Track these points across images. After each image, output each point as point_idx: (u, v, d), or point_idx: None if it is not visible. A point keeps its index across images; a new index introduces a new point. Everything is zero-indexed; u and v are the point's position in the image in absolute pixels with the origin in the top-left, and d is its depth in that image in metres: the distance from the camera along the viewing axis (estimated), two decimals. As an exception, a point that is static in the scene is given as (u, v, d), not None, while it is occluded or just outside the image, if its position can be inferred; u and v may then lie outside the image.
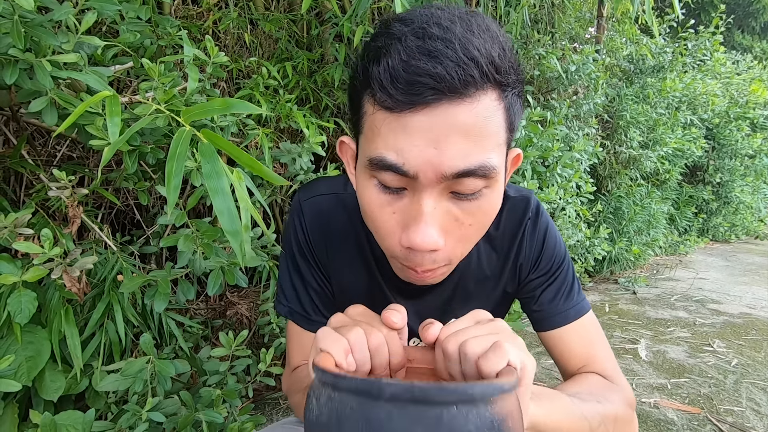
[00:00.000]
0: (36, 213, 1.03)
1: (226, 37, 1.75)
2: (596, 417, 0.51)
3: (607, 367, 0.62)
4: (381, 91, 0.40)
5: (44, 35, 0.71)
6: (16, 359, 0.90)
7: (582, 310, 0.64)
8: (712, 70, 4.56)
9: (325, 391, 0.34)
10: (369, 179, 0.45)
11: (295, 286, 0.65)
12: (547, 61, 2.50)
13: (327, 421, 0.32)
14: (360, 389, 0.31)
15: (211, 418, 0.94)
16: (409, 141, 0.40)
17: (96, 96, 0.66)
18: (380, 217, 0.46)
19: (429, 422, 0.29)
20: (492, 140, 0.42)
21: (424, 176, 0.41)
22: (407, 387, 0.30)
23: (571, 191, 2.38)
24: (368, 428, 0.30)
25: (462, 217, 0.45)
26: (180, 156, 0.57)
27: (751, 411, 1.55)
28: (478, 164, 0.41)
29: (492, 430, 0.30)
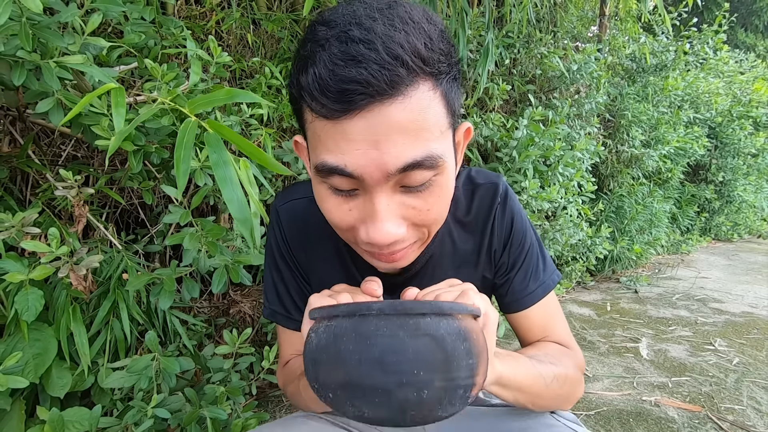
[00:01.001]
0: (42, 212, 1.04)
1: (229, 38, 1.76)
2: (550, 375, 0.57)
3: (563, 335, 0.68)
4: (313, 101, 0.41)
5: (51, 37, 0.72)
6: (24, 356, 0.92)
7: (547, 288, 0.67)
8: (714, 68, 4.54)
9: (322, 324, 0.40)
10: (321, 183, 0.46)
11: (277, 288, 0.68)
12: (549, 60, 2.50)
13: (325, 343, 0.38)
14: (351, 311, 0.38)
15: (215, 414, 0.95)
16: (350, 145, 0.41)
17: (102, 88, 0.67)
18: (338, 215, 0.47)
19: (409, 327, 0.36)
20: (433, 131, 0.43)
21: (370, 177, 0.42)
22: (390, 302, 0.37)
23: (572, 190, 2.38)
24: (359, 338, 0.36)
25: (419, 205, 0.46)
26: (187, 144, 0.59)
27: (752, 410, 1.55)
28: (423, 156, 0.42)
29: (459, 335, 0.38)
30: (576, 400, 0.64)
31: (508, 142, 2.11)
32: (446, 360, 0.36)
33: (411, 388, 0.35)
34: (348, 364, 0.36)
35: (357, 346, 0.36)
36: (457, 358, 0.37)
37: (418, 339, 0.36)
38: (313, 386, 0.40)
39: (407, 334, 0.36)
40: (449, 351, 0.36)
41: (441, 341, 0.36)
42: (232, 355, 1.14)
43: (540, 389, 0.56)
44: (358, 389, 0.36)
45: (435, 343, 0.36)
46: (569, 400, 0.63)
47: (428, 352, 0.36)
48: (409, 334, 0.36)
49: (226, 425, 1.05)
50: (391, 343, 0.36)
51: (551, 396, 0.58)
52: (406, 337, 0.36)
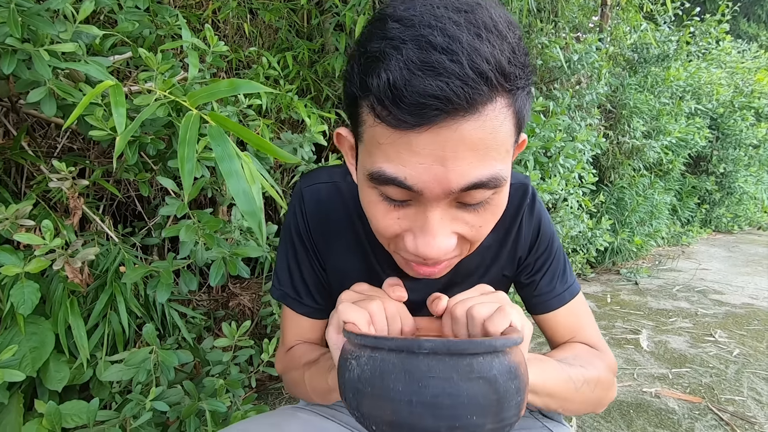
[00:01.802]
0: (37, 204, 1.03)
1: (226, 27, 1.74)
2: (580, 379, 0.55)
3: (592, 337, 0.66)
4: (381, 107, 0.38)
5: (41, 24, 0.70)
6: (20, 350, 0.91)
7: (574, 291, 0.67)
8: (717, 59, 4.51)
9: (364, 353, 0.39)
10: (371, 188, 0.44)
11: (290, 270, 0.66)
12: (550, 51, 2.48)
13: (370, 376, 0.37)
14: (401, 347, 0.37)
15: (214, 407, 0.95)
16: (414, 159, 0.38)
17: (99, 86, 0.65)
18: (385, 223, 0.45)
19: (463, 369, 0.35)
20: (500, 150, 0.40)
21: (430, 193, 0.40)
22: (444, 342, 0.36)
23: (573, 182, 2.37)
24: (409, 379, 0.35)
25: (472, 221, 0.44)
26: (191, 141, 0.57)
27: (753, 400, 1.55)
28: (487, 177, 0.40)
29: (510, 373, 0.37)
30: (608, 402, 0.62)
31: (509, 134, 2.09)
32: (498, 402, 0.36)
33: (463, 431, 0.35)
34: (397, 405, 0.35)
35: (408, 387, 0.35)
36: (509, 399, 0.36)
37: (472, 382, 0.35)
38: (353, 413, 0.39)
39: (461, 377, 0.35)
40: (502, 393, 0.36)
41: (494, 383, 0.36)
42: (232, 348, 1.13)
43: (570, 394, 0.55)
44: (407, 429, 0.35)
45: (489, 386, 0.35)
46: (601, 404, 0.61)
47: (482, 397, 0.35)
48: (463, 377, 0.35)
49: (225, 418, 1.04)
50: (444, 387, 0.35)
51: (581, 400, 0.57)
52: (460, 380, 0.35)
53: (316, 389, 0.58)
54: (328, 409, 0.68)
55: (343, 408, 0.71)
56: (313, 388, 0.58)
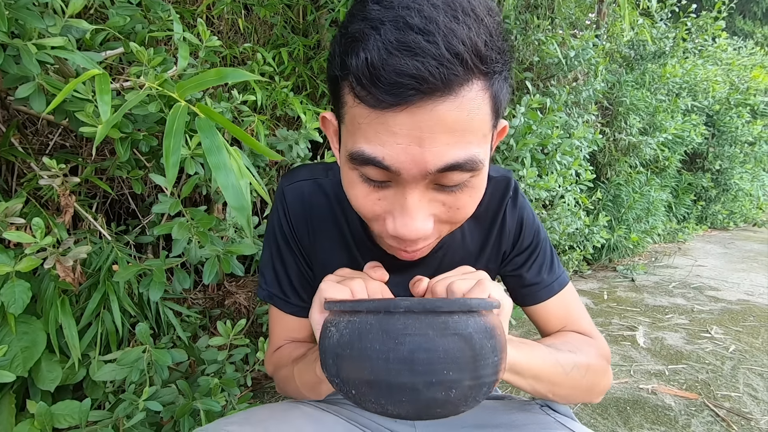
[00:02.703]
0: (28, 202, 1.01)
1: (220, 23, 1.72)
2: (569, 363, 0.56)
3: (584, 325, 0.67)
4: (360, 87, 0.39)
5: (30, 18, 0.68)
6: (11, 350, 0.90)
7: (563, 282, 0.67)
8: (713, 56, 4.51)
9: (343, 318, 0.40)
10: (352, 170, 0.44)
11: (275, 270, 0.66)
12: (547, 47, 2.47)
13: (349, 339, 0.38)
14: (378, 307, 0.38)
15: (208, 406, 0.94)
16: (391, 139, 0.39)
17: (85, 74, 0.64)
18: (366, 204, 0.46)
19: (438, 326, 0.36)
20: (477, 133, 0.41)
21: (407, 173, 0.41)
22: (419, 300, 0.37)
23: (570, 179, 2.36)
24: (386, 337, 0.36)
25: (450, 203, 0.45)
26: (177, 132, 0.56)
27: (749, 396, 1.56)
28: (464, 159, 0.40)
29: (485, 332, 0.38)
30: (603, 390, 0.62)
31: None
32: (475, 359, 0.36)
33: (440, 387, 0.35)
34: (375, 363, 0.36)
35: (385, 345, 0.36)
36: (485, 357, 0.37)
37: (448, 338, 0.36)
38: (333, 380, 0.39)
39: (436, 333, 0.36)
40: (477, 350, 0.36)
41: (469, 340, 0.36)
42: (227, 347, 1.12)
43: (559, 377, 0.55)
44: (385, 388, 0.36)
45: (464, 342, 0.36)
46: (594, 391, 0.60)
47: (458, 351, 0.36)
48: (439, 333, 0.36)
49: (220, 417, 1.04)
50: (421, 342, 0.36)
51: (572, 385, 0.57)
52: (436, 336, 0.36)
53: (305, 383, 0.57)
54: (329, 405, 0.68)
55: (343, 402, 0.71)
56: (302, 382, 0.58)
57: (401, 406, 0.36)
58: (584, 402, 0.62)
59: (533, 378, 0.52)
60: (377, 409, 0.37)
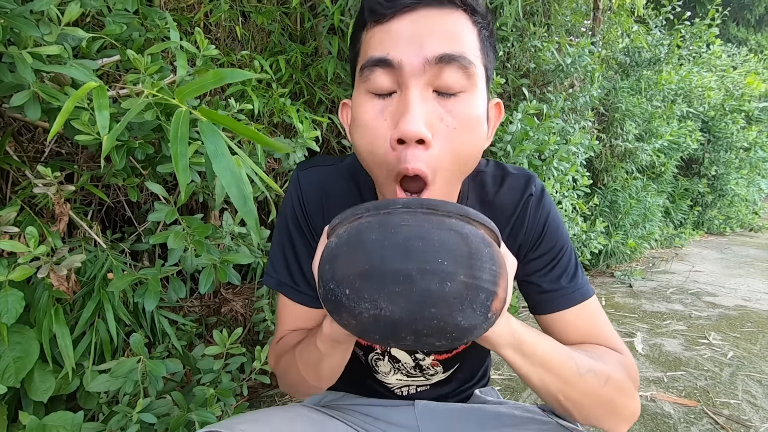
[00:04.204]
0: (22, 210, 1.00)
1: (218, 30, 1.72)
2: (585, 366, 0.51)
3: (611, 339, 0.60)
4: (370, 11, 0.48)
5: (25, 26, 0.68)
6: (3, 360, 0.88)
7: (586, 294, 0.61)
8: (707, 62, 4.55)
9: (344, 226, 0.40)
10: (363, 94, 0.50)
11: (286, 257, 0.65)
12: (543, 54, 2.48)
13: (347, 238, 0.38)
14: (376, 207, 0.38)
15: (203, 418, 0.92)
16: (394, 41, 0.47)
17: (82, 88, 0.64)
18: (373, 126, 0.49)
19: (435, 221, 0.36)
20: (468, 46, 0.48)
21: (408, 64, 0.46)
22: (417, 198, 0.38)
23: (567, 185, 2.37)
24: (383, 228, 0.36)
25: (446, 118, 0.47)
26: (182, 138, 0.56)
27: (748, 404, 1.55)
28: (458, 52, 0.46)
29: (483, 240, 0.37)
30: (629, 416, 0.54)
31: (503, 137, 2.09)
32: (470, 255, 0.35)
33: (434, 277, 0.34)
34: (370, 252, 0.35)
35: (380, 235, 0.36)
36: (481, 259, 0.36)
37: (443, 231, 0.36)
38: (328, 289, 0.38)
39: (432, 226, 0.36)
40: (473, 247, 0.36)
41: (466, 238, 0.36)
42: (223, 356, 1.11)
43: (571, 375, 0.50)
44: (378, 277, 0.35)
45: (460, 238, 0.36)
46: (617, 412, 0.53)
47: (453, 244, 0.35)
48: (435, 226, 0.36)
49: (216, 428, 1.02)
50: (416, 230, 0.35)
51: (587, 391, 0.50)
52: (432, 228, 0.36)
53: (305, 361, 0.56)
54: (334, 410, 0.67)
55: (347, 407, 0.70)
56: (303, 360, 0.56)
57: (395, 299, 0.34)
58: (603, 426, 0.53)
59: (541, 366, 0.49)
60: (371, 310, 0.36)
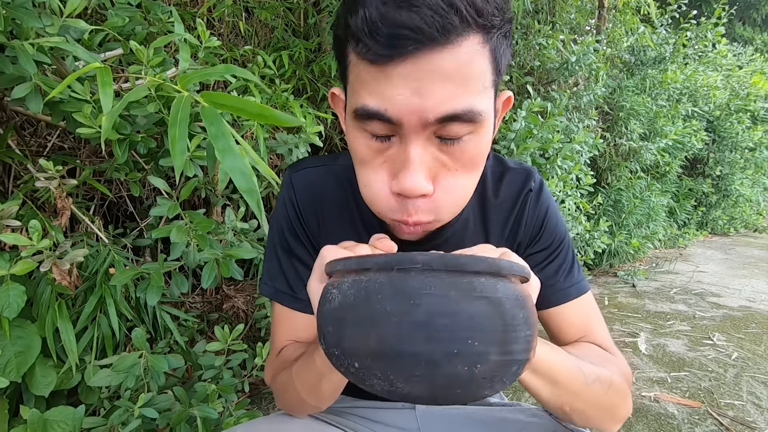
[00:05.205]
0: (24, 204, 1.00)
1: (221, 26, 1.71)
2: (591, 374, 0.51)
3: (604, 340, 0.62)
4: (361, 43, 0.40)
5: (26, 17, 0.67)
6: (5, 354, 0.88)
7: (582, 289, 0.63)
8: (713, 62, 4.52)
9: (347, 278, 0.33)
10: (358, 130, 0.45)
11: (281, 263, 0.62)
12: (548, 52, 2.47)
13: (353, 300, 0.32)
14: (390, 262, 0.31)
15: (205, 413, 0.92)
16: (392, 90, 0.40)
17: (86, 67, 0.63)
18: (370, 167, 0.46)
19: (462, 287, 0.30)
20: (477, 84, 0.42)
21: (408, 123, 0.41)
22: (438, 255, 0.31)
23: (571, 183, 2.35)
24: (399, 297, 0.30)
25: (449, 163, 0.44)
26: (182, 121, 0.55)
27: (752, 405, 1.54)
28: (463, 109, 0.41)
29: (517, 301, 0.32)
30: (623, 417, 0.55)
31: (507, 134, 2.08)
32: (505, 329, 0.30)
33: (463, 360, 0.29)
34: (384, 328, 0.30)
35: (397, 306, 0.30)
36: (516, 329, 0.31)
37: (473, 301, 0.30)
38: (332, 353, 0.33)
39: (460, 295, 0.30)
40: (508, 319, 0.30)
41: (499, 306, 0.30)
42: (224, 352, 1.11)
43: (580, 387, 0.49)
44: (395, 359, 0.29)
45: (493, 308, 0.30)
46: (614, 415, 0.54)
47: (485, 318, 0.30)
48: (463, 296, 0.30)
49: (217, 424, 1.02)
50: (441, 303, 0.29)
51: (592, 400, 0.51)
52: (460, 298, 0.30)
53: (304, 382, 0.52)
54: (332, 416, 0.65)
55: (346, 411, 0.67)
56: (301, 381, 0.52)
57: (414, 383, 0.30)
58: (599, 428, 0.55)
59: (551, 381, 0.47)
60: (384, 388, 0.31)
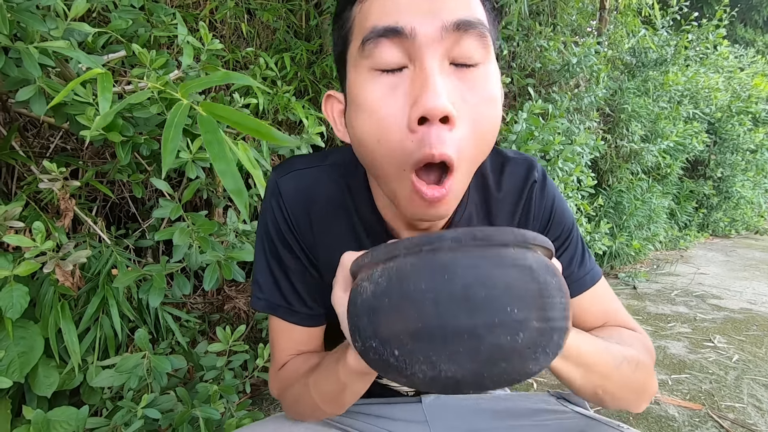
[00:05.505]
0: (27, 205, 1.01)
1: (223, 27, 1.72)
2: (619, 354, 0.49)
3: (626, 319, 0.60)
4: None
5: (31, 21, 0.68)
6: (8, 355, 0.89)
7: (596, 275, 0.61)
8: (714, 63, 4.52)
9: (377, 269, 0.33)
10: (366, 73, 0.42)
11: (274, 275, 0.58)
12: (549, 54, 2.47)
13: (386, 286, 0.31)
14: (418, 244, 0.31)
15: (207, 414, 0.92)
16: (402, 4, 0.40)
17: (88, 73, 0.63)
18: (383, 106, 0.41)
19: (493, 257, 0.30)
20: (481, 11, 0.43)
21: (422, 32, 0.39)
22: (466, 230, 0.31)
23: (572, 185, 2.35)
24: (432, 274, 0.29)
25: (467, 95, 0.42)
26: (177, 125, 0.55)
27: (753, 407, 1.54)
28: (476, 18, 0.41)
29: (548, 269, 0.31)
30: (651, 395, 0.54)
31: (508, 136, 2.08)
32: (541, 294, 0.30)
33: (505, 330, 0.28)
34: (421, 306, 0.29)
35: (432, 283, 0.29)
36: (551, 294, 0.30)
37: (506, 269, 0.29)
38: (369, 346, 0.32)
39: (492, 265, 0.29)
40: (542, 284, 0.30)
41: (532, 272, 0.30)
42: (226, 353, 1.11)
43: (609, 369, 0.48)
44: (438, 336, 0.28)
45: (526, 274, 0.30)
46: (643, 394, 0.53)
47: (521, 284, 0.29)
48: (495, 265, 0.29)
49: (219, 425, 1.02)
50: (475, 274, 0.29)
51: (623, 382, 0.49)
52: (492, 267, 0.29)
53: (325, 393, 0.50)
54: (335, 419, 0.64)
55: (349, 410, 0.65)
56: (321, 393, 0.50)
57: (458, 360, 0.29)
58: (629, 408, 0.53)
59: (583, 366, 0.46)
60: (428, 374, 0.30)
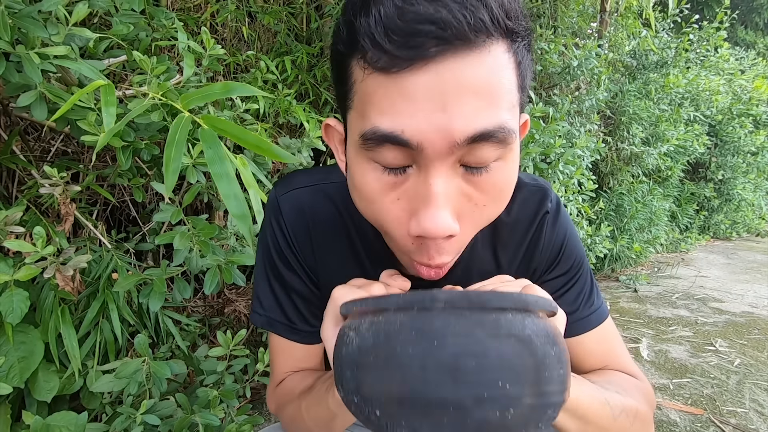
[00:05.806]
0: (28, 210, 1.01)
1: (224, 30, 1.72)
2: (618, 405, 0.47)
3: (627, 364, 0.59)
4: (372, 48, 0.33)
5: (32, 26, 0.68)
6: (8, 360, 0.88)
7: (603, 315, 0.59)
8: (715, 66, 4.52)
9: (365, 320, 0.31)
10: (365, 162, 0.38)
11: (275, 292, 0.57)
12: (550, 56, 2.47)
13: (373, 343, 0.30)
14: (410, 302, 0.29)
15: (207, 420, 0.92)
16: (410, 106, 0.33)
17: (91, 85, 0.63)
18: (382, 206, 0.39)
19: (489, 325, 0.28)
20: (506, 99, 0.35)
21: (431, 147, 0.34)
22: (461, 293, 0.29)
23: (572, 188, 2.35)
24: (421, 337, 0.28)
25: (476, 196, 0.38)
26: (179, 142, 0.55)
27: (755, 412, 1.53)
28: (495, 126, 0.34)
29: (548, 338, 0.29)
30: None
31: (509, 140, 2.09)
32: (537, 368, 0.28)
33: (494, 405, 0.27)
34: (407, 371, 0.28)
35: (420, 348, 0.28)
36: (549, 367, 0.29)
37: (501, 340, 0.28)
38: (350, 400, 0.31)
39: (487, 334, 0.28)
40: (540, 357, 0.28)
41: (529, 344, 0.28)
42: (226, 357, 1.11)
43: (607, 421, 0.46)
44: (420, 405, 0.27)
45: (523, 347, 0.28)
46: None
47: (516, 357, 0.28)
48: (490, 334, 0.28)
49: (219, 430, 1.02)
50: (467, 343, 0.27)
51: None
52: (486, 337, 0.28)
53: (316, 419, 0.50)
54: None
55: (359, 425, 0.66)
56: (312, 418, 0.50)
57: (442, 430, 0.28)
58: None
59: (580, 419, 0.44)
60: None
